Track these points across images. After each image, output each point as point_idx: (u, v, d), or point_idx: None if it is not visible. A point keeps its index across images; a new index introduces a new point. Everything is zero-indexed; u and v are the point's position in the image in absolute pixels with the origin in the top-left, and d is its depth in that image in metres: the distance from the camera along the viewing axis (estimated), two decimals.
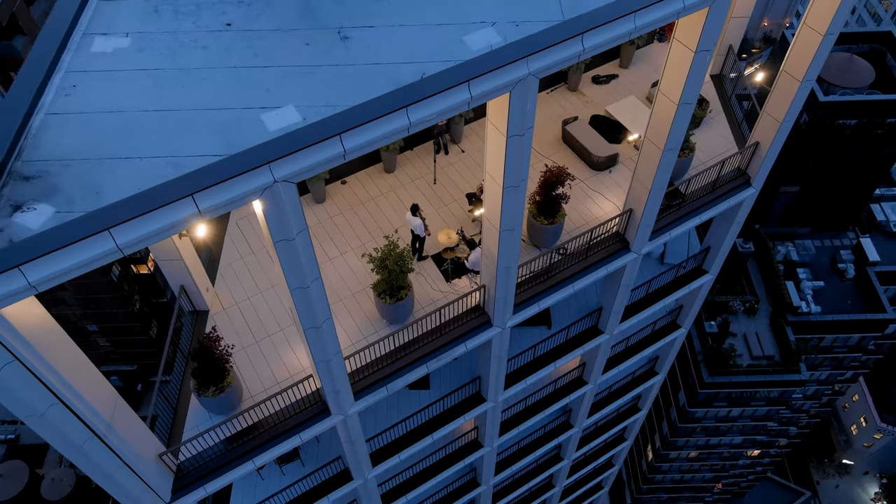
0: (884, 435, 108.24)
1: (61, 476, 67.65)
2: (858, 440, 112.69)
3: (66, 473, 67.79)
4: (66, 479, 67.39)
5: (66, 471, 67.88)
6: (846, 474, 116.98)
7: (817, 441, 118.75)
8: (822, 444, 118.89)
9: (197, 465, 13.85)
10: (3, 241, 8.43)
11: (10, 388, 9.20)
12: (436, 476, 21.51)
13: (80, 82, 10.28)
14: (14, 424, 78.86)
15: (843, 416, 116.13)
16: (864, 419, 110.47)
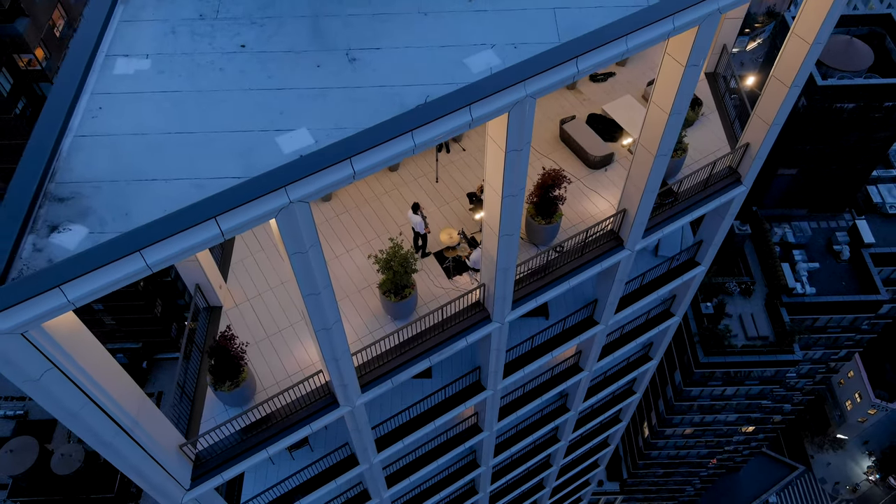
0: (877, 410, 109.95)
1: (70, 451, 69.13)
2: (852, 415, 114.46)
3: (75, 449, 69.26)
4: (76, 454, 68.88)
5: (74, 446, 69.35)
6: (840, 449, 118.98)
7: (812, 416, 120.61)
8: (817, 420, 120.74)
9: (214, 454, 14.75)
10: (43, 261, 9.20)
11: (50, 392, 10.03)
12: (437, 459, 22.51)
13: (105, 104, 10.96)
14: (22, 401, 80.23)
15: (838, 391, 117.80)
16: (859, 395, 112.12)
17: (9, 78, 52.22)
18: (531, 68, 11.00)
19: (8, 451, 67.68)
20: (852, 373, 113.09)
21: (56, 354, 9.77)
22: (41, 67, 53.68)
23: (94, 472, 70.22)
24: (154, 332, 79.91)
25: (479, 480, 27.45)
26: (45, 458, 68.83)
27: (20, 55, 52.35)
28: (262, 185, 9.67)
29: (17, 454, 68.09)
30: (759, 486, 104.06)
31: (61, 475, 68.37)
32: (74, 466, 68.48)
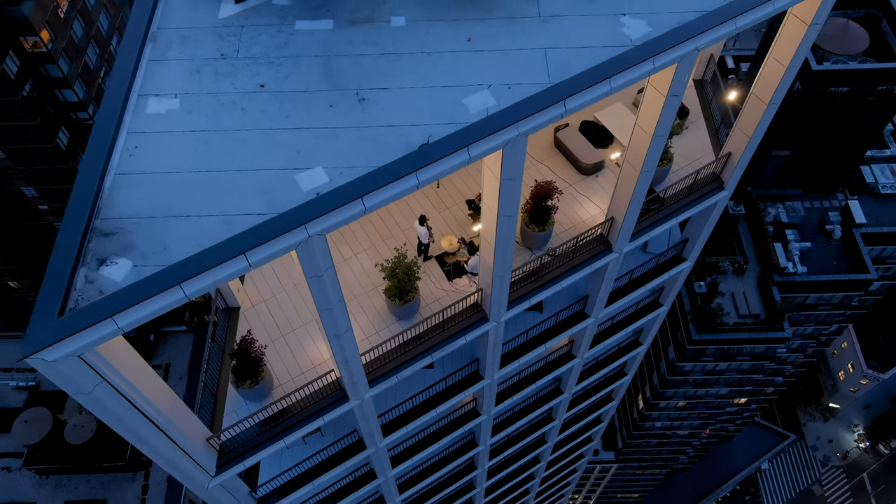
0: (869, 381, 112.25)
1: (83, 422, 71.22)
2: (845, 385, 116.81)
3: (87, 420, 71.32)
4: (88, 424, 70.96)
5: (87, 417, 71.40)
6: (832, 417, 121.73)
7: (805, 386, 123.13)
8: (810, 389, 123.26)
9: (236, 444, 16.29)
10: (95, 292, 10.56)
11: (100, 401, 11.47)
12: (439, 440, 24.14)
13: (140, 143, 12.21)
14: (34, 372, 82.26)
15: (832, 362, 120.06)
16: (852, 365, 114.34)
17: (15, 60, 53.03)
18: (523, 110, 12.21)
19: (23, 422, 69.78)
20: (846, 344, 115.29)
21: (105, 370, 11.18)
22: (47, 49, 54.44)
23: (106, 441, 72.43)
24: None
25: (478, 458, 29.19)
26: (59, 428, 70.92)
27: (26, 37, 53.09)
28: (284, 223, 10.96)
29: (31, 424, 70.20)
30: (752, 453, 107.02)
31: (74, 444, 70.49)
32: (87, 436, 70.61)
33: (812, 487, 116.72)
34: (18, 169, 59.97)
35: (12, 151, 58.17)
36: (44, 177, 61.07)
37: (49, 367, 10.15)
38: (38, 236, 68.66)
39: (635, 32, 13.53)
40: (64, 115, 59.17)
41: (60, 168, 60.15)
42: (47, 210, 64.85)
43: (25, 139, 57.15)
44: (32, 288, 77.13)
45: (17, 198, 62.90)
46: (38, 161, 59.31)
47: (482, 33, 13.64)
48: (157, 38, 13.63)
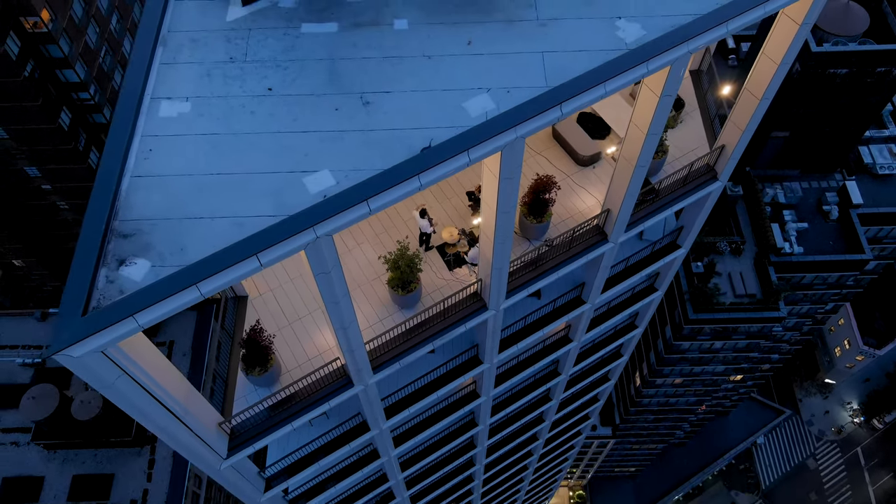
0: (865, 357, 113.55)
1: (89, 398, 72.34)
2: (841, 361, 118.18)
3: (94, 396, 72.41)
4: (94, 401, 72.06)
5: (93, 393, 72.46)
6: (828, 393, 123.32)
7: (802, 362, 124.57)
8: (807, 365, 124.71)
9: (246, 428, 17.05)
10: (116, 292, 11.18)
11: (121, 392, 12.15)
12: (440, 421, 24.98)
13: (154, 146, 12.74)
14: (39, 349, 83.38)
15: (829, 338, 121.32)
16: (848, 342, 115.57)
17: (16, 41, 53.11)
18: (521, 115, 12.73)
19: (30, 398, 70.87)
20: (843, 321, 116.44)
21: (125, 363, 11.85)
22: (47, 29, 54.47)
23: (113, 417, 73.65)
24: None
25: (477, 437, 30.08)
26: (66, 404, 72.02)
27: (26, 18, 53.12)
28: (294, 226, 11.55)
29: (38, 401, 71.27)
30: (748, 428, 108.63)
31: (81, 420, 71.69)
32: (93, 412, 71.67)
33: (807, 461, 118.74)
34: (21, 149, 60.29)
35: (15, 132, 58.46)
36: (47, 157, 61.42)
37: (74, 362, 10.80)
38: (42, 216, 69.18)
39: (630, 36, 13.99)
40: (65, 95, 59.33)
41: (63, 149, 60.49)
42: (50, 190, 65.30)
43: (28, 120, 57.43)
44: (36, 266, 77.83)
45: (20, 178, 63.31)
46: (41, 142, 59.62)
47: (482, 36, 14.09)
48: (168, 42, 14.09)
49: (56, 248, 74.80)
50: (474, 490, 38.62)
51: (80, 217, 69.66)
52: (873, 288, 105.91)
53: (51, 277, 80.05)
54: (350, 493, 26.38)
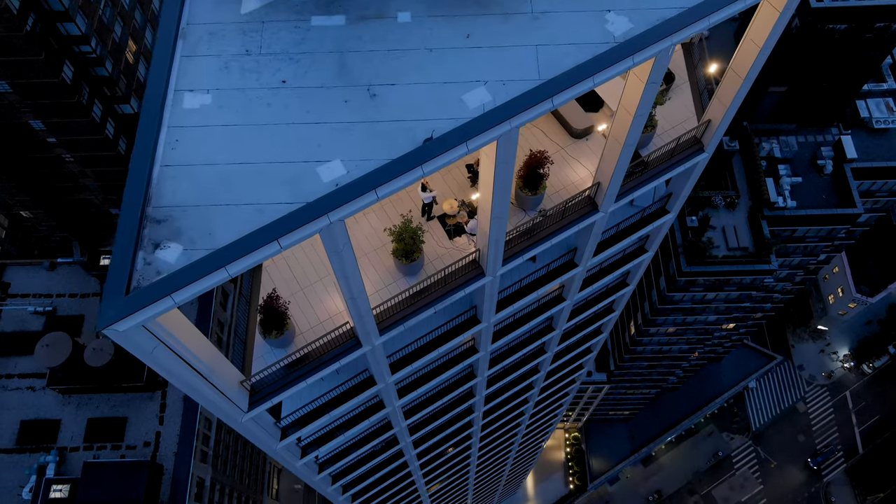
0: (857, 304, 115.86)
1: (101, 346, 74.81)
2: (834, 309, 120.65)
3: (106, 343, 74.87)
4: (106, 348, 74.56)
5: (105, 341, 74.89)
6: (819, 339, 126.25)
7: (796, 309, 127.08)
8: (801, 312, 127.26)
9: (265, 385, 18.73)
10: (153, 273, 12.59)
11: (158, 359, 13.69)
12: (441, 374, 26.76)
13: (180, 137, 13.95)
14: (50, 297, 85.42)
15: (823, 286, 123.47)
16: (841, 289, 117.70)
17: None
18: (515, 107, 13.89)
19: (44, 346, 73.35)
20: (837, 269, 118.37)
21: (161, 334, 13.36)
22: None
23: (125, 363, 76.25)
24: None
25: (476, 387, 31.99)
26: (78, 351, 74.52)
27: None
28: (310, 213, 12.88)
29: (52, 348, 73.75)
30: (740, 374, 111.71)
31: (94, 367, 74.30)
32: (106, 359, 74.27)
33: (796, 404, 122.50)
34: (26, 103, 60.82)
35: (19, 86, 58.89)
36: (51, 111, 61.99)
37: (119, 335, 12.30)
38: (48, 168, 70.12)
39: (618, 29, 14.99)
40: (67, 48, 59.51)
41: (66, 102, 61.01)
42: (55, 143, 66.04)
43: (31, 74, 57.81)
44: (44, 217, 79.14)
45: (25, 131, 63.99)
46: (45, 95, 60.09)
47: (480, 30, 15.09)
48: (187, 35, 15.12)
49: (63, 199, 75.99)
50: (473, 435, 40.93)
51: (85, 169, 70.61)
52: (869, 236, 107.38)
53: (58, 228, 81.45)
54: (358, 439, 28.41)
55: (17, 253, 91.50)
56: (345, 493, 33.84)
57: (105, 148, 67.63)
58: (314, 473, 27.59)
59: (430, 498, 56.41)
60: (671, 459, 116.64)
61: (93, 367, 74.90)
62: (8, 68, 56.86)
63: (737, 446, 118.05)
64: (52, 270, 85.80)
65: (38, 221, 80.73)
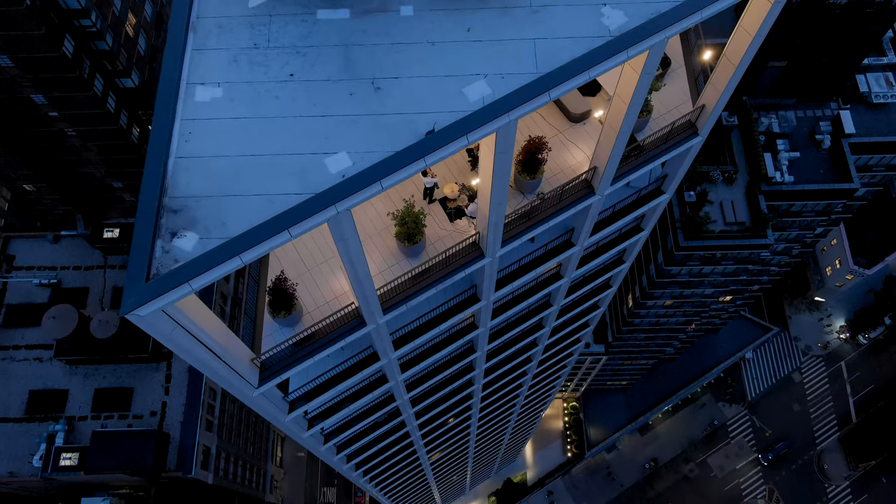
0: (854, 276, 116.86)
1: (107, 318, 75.92)
2: (831, 280, 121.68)
3: (111, 315, 75.95)
4: (112, 320, 75.65)
5: (110, 313, 76.04)
6: (816, 310, 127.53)
7: (793, 280, 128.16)
8: (798, 283, 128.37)
9: (274, 362, 19.60)
10: (171, 260, 13.33)
11: (176, 340, 14.51)
12: (442, 349, 27.68)
13: (193, 130, 14.58)
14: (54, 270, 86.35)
15: (821, 257, 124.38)
16: (839, 261, 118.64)
17: None
18: (514, 101, 14.49)
19: (51, 318, 74.41)
20: (835, 241, 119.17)
21: (179, 317, 14.16)
22: None
23: (130, 335, 77.45)
24: None
25: (476, 361, 32.98)
26: (84, 323, 75.61)
27: None
28: (318, 203, 13.57)
29: (59, 320, 74.81)
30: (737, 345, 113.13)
31: (100, 338, 75.45)
32: (111, 331, 75.40)
33: (792, 375, 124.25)
34: (27, 77, 60.87)
35: (20, 60, 58.89)
36: (52, 85, 62.06)
37: (141, 320, 13.09)
38: (50, 142, 70.34)
39: (614, 23, 15.52)
40: (67, 22, 59.40)
41: (68, 76, 61.06)
42: (57, 117, 66.18)
43: (32, 48, 57.82)
44: (48, 191, 79.63)
45: (27, 105, 64.11)
46: (46, 69, 60.14)
47: (480, 23, 15.62)
48: (197, 28, 15.65)
49: (66, 173, 76.36)
50: (473, 406, 42.10)
51: (87, 143, 70.88)
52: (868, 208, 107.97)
53: (62, 201, 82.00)
54: (362, 411, 29.46)
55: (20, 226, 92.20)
56: (349, 462, 35.07)
57: (107, 122, 67.81)
58: (320, 444, 28.69)
59: (432, 466, 57.96)
60: (667, 428, 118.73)
61: (99, 338, 76.14)
62: (8, 43, 56.89)
63: (732, 415, 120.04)
64: (56, 243, 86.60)
65: (42, 195, 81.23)
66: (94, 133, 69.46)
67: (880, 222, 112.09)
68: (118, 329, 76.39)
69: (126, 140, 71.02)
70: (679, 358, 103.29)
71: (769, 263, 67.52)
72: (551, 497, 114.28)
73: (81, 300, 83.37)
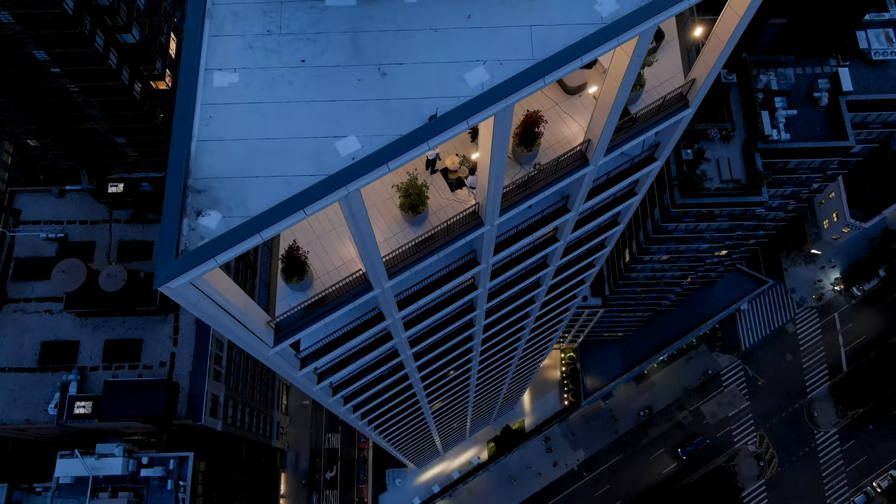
0: (851, 229, 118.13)
1: (115, 271, 77.55)
2: (828, 233, 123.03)
3: (119, 269, 77.56)
4: (119, 274, 77.32)
5: (118, 267, 77.63)
6: (812, 263, 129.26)
7: (791, 233, 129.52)
8: (795, 236, 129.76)
9: (288, 324, 21.09)
10: (197, 238, 14.63)
11: (202, 308, 15.92)
12: (444, 309, 29.20)
13: (213, 114, 15.69)
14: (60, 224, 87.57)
15: (819, 210, 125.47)
16: (836, 214, 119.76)
17: None
18: (511, 87, 15.55)
19: (60, 272, 76.06)
20: (833, 194, 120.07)
21: (205, 287, 15.54)
22: None
23: (138, 288, 79.25)
24: None
25: (476, 318, 34.57)
26: (93, 276, 77.25)
27: None
28: (331, 185, 14.79)
29: (68, 274, 76.47)
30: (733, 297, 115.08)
31: (109, 291, 77.22)
32: (120, 284, 77.12)
33: (786, 326, 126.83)
34: (28, 34, 60.98)
35: (21, 17, 58.94)
36: (54, 41, 62.19)
37: (171, 292, 14.47)
38: (53, 97, 70.70)
39: (606, 10, 16.43)
40: None
41: (69, 33, 61.16)
42: (60, 73, 66.46)
43: (33, 4, 57.84)
44: (52, 146, 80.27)
45: (30, 62, 64.33)
46: (47, 26, 60.20)
47: (480, 10, 16.52)
48: (213, 15, 16.58)
49: (69, 128, 76.87)
50: (473, 360, 43.98)
51: (90, 99, 71.23)
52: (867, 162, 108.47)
53: (66, 157, 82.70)
54: (368, 366, 31.17)
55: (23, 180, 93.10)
56: (355, 412, 37.07)
57: (109, 78, 68.07)
58: (328, 396, 30.50)
59: (433, 414, 60.42)
60: (662, 377, 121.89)
61: (107, 291, 77.90)
62: None
63: (726, 365, 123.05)
64: (62, 198, 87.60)
65: (46, 150, 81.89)
66: (97, 89, 69.78)
67: (879, 176, 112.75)
68: (126, 282, 78.15)
69: (128, 96, 71.36)
70: (675, 310, 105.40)
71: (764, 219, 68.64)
72: (548, 443, 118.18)
73: (88, 254, 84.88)
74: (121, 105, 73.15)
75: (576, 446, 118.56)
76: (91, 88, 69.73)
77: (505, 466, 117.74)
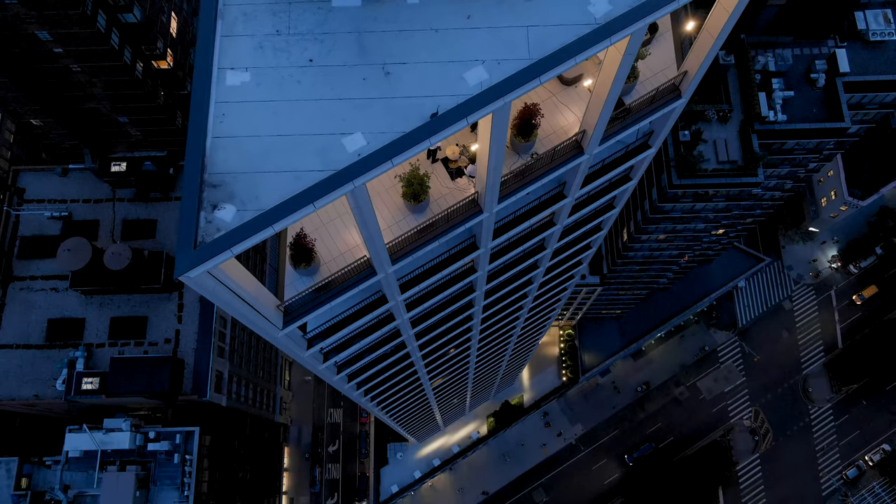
0: (849, 207, 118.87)
1: (119, 250, 78.54)
2: (826, 211, 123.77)
3: (123, 248, 78.52)
4: (124, 252, 78.29)
5: (122, 245, 78.58)
6: (809, 240, 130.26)
7: (789, 211, 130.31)
8: (793, 214, 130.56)
9: (296, 307, 22.14)
10: (214, 230, 15.61)
11: (217, 294, 16.95)
12: (444, 291, 30.25)
13: (226, 112, 16.57)
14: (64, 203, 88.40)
15: (817, 188, 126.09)
16: (834, 192, 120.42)
17: None
18: (509, 86, 16.41)
19: (65, 250, 77.03)
20: (832, 172, 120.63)
21: (221, 276, 16.55)
22: None
23: (142, 266, 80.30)
24: (177, 141, 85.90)
25: (475, 299, 35.63)
26: (98, 255, 78.24)
27: None
28: (339, 180, 15.73)
29: (73, 252, 77.43)
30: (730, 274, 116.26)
31: (114, 270, 78.28)
32: (124, 263, 78.13)
33: (782, 303, 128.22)
34: (31, 14, 61.31)
35: None
36: (56, 21, 62.53)
37: (191, 280, 15.50)
38: (56, 77, 71.15)
39: (599, 11, 17.22)
40: None
41: (71, 13, 61.48)
42: (62, 53, 66.86)
43: None
44: (55, 125, 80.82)
45: (32, 42, 64.72)
46: (50, 6, 60.54)
47: (478, 11, 17.31)
48: (225, 15, 17.38)
49: (72, 108, 77.38)
50: (473, 338, 45.18)
51: (92, 79, 71.67)
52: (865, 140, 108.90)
53: (69, 136, 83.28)
54: (371, 345, 32.32)
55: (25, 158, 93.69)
56: (358, 388, 38.33)
57: (111, 58, 68.45)
58: (333, 374, 31.70)
59: (434, 390, 61.88)
60: (660, 354, 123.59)
61: (112, 270, 78.96)
62: None
63: (722, 342, 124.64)
64: (65, 176, 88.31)
65: (49, 129, 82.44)
66: (99, 69, 70.20)
67: (877, 154, 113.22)
68: (131, 261, 79.22)
69: (130, 76, 71.78)
70: (672, 287, 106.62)
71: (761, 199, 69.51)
72: (547, 418, 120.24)
73: (93, 232, 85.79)
74: (123, 85, 73.59)
75: (574, 421, 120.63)
76: (93, 68, 70.15)
77: (503, 441, 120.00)
